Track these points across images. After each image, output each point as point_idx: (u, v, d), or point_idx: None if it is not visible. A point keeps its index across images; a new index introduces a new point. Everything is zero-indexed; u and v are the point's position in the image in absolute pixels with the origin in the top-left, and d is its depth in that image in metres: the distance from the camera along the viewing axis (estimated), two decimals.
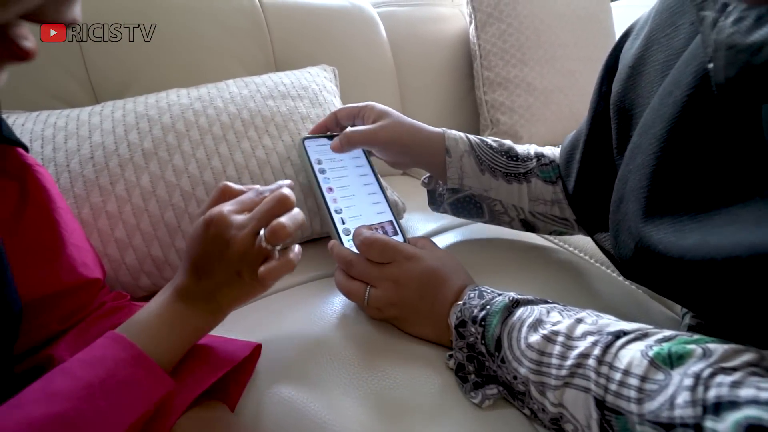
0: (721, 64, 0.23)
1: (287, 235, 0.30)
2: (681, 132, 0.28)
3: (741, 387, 0.21)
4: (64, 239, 0.34)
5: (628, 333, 0.27)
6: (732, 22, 0.23)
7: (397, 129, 0.47)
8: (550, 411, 0.29)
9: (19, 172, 0.33)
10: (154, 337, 0.29)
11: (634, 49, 0.36)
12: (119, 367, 0.26)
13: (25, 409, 0.23)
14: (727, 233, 0.24)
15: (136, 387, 0.26)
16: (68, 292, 0.34)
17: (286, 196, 0.32)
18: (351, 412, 0.31)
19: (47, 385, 0.24)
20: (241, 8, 0.74)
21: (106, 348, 0.27)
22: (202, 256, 0.31)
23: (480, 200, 0.49)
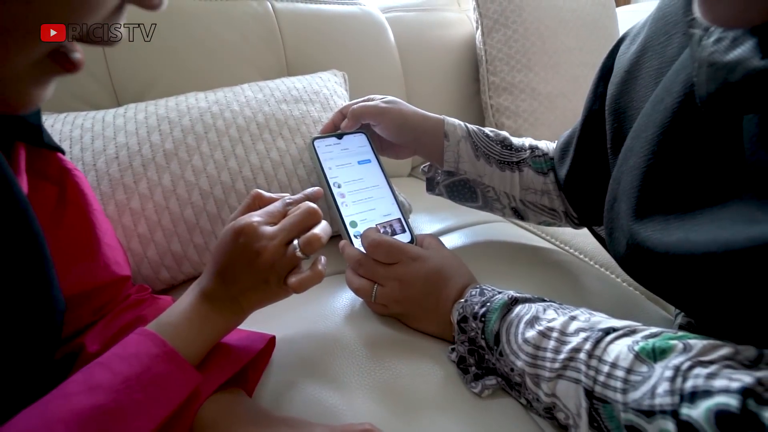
0: (703, 80, 0.25)
1: (321, 246, 0.33)
2: (670, 138, 0.30)
3: (715, 378, 0.23)
4: (99, 239, 0.37)
5: (617, 330, 0.30)
6: (713, 42, 0.25)
7: (401, 107, 0.50)
8: (543, 401, 0.31)
9: (58, 176, 0.35)
10: (183, 336, 0.31)
11: (630, 53, 0.38)
12: (153, 363, 0.28)
13: (72, 400, 0.25)
14: (706, 231, 0.26)
15: (169, 381, 0.28)
16: (101, 288, 0.37)
17: (315, 209, 0.34)
18: (360, 399, 0.33)
19: (89, 378, 0.26)
20: (255, 15, 0.77)
21: (140, 345, 0.29)
22: (229, 263, 0.33)
23: (474, 185, 0.51)
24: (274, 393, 0.35)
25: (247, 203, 0.37)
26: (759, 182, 0.25)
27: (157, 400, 0.27)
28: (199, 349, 0.32)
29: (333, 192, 0.47)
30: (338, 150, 0.51)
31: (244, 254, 0.32)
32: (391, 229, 0.47)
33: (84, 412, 0.24)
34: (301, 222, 0.34)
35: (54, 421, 0.23)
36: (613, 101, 0.39)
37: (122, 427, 0.25)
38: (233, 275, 0.33)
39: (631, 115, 0.37)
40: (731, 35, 0.24)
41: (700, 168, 0.29)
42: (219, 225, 0.51)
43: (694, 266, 0.26)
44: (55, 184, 0.35)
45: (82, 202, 0.36)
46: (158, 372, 0.28)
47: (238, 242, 0.33)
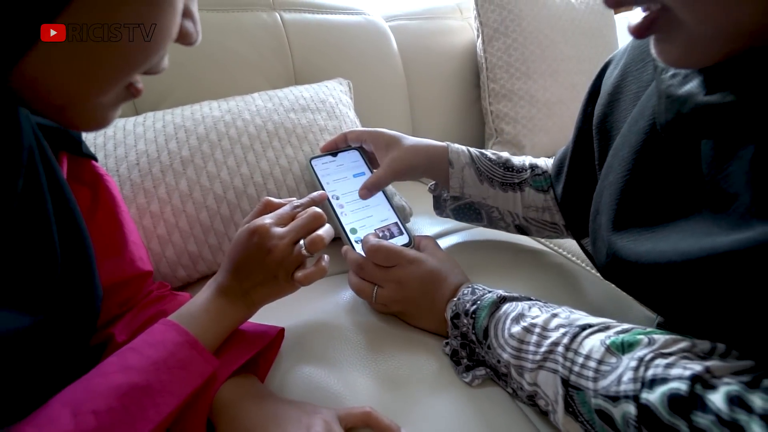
0: (662, 109, 0.29)
1: (324, 245, 0.38)
2: (642, 157, 0.34)
3: (672, 367, 0.27)
4: (126, 237, 0.41)
5: (593, 326, 0.33)
6: (670, 76, 0.28)
7: (407, 156, 0.52)
8: (526, 389, 0.34)
9: (92, 180, 0.40)
10: (202, 326, 0.35)
11: (613, 77, 0.42)
12: (177, 349, 0.32)
13: (109, 378, 0.29)
14: (671, 242, 0.29)
15: (190, 364, 0.32)
16: (128, 282, 0.41)
17: (319, 213, 0.39)
18: (361, 387, 0.37)
19: (123, 360, 0.30)
20: (265, 25, 0.80)
21: (165, 333, 0.33)
22: (244, 260, 0.37)
23: (479, 207, 0.55)
24: (283, 380, 0.38)
25: (259, 209, 0.42)
26: (713, 199, 0.28)
27: (181, 380, 0.31)
28: (216, 338, 0.36)
29: (332, 204, 0.51)
30: (334, 166, 0.55)
31: (257, 252, 0.37)
32: (389, 233, 0.50)
33: (120, 388, 0.28)
34: (307, 224, 0.38)
35: (96, 394, 0.28)
36: (599, 121, 0.42)
37: (151, 401, 0.29)
38: (247, 271, 0.37)
39: (614, 134, 0.40)
40: (683, 72, 0.27)
41: (668, 185, 0.32)
42: (232, 227, 0.55)
43: (659, 273, 0.29)
44: (89, 187, 0.39)
45: (111, 203, 0.41)
46: (181, 357, 0.32)
47: (252, 241, 0.37)
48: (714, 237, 0.26)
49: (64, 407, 0.26)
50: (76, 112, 0.26)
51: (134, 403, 0.28)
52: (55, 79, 0.23)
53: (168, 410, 0.29)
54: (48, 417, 0.26)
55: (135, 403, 0.28)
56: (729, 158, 0.26)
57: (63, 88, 0.24)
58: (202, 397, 0.33)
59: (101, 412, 0.27)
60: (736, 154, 0.26)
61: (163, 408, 0.29)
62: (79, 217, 0.33)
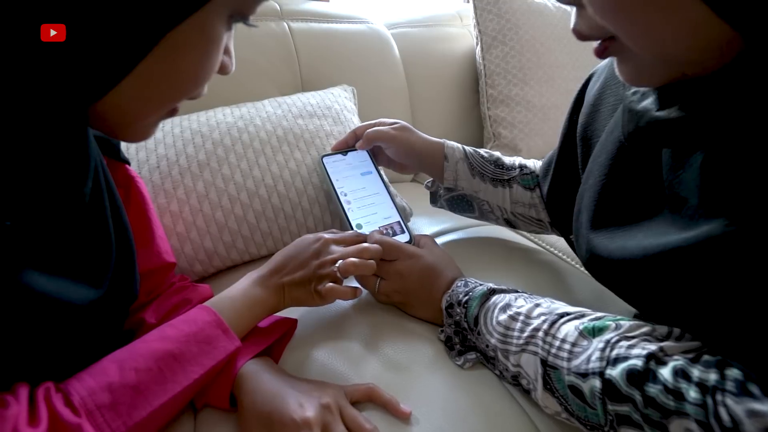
0: (625, 121, 0.33)
1: (353, 273, 0.44)
2: (616, 164, 0.38)
3: (633, 348, 0.31)
4: (153, 232, 0.47)
5: (570, 314, 0.37)
6: (632, 93, 0.33)
7: (407, 132, 0.58)
8: (511, 370, 0.39)
9: (125, 182, 0.45)
10: (235, 309, 0.40)
11: (594, 89, 0.46)
12: (205, 326, 0.37)
13: (149, 344, 0.35)
14: (636, 240, 0.34)
15: (216, 341, 0.37)
16: (155, 272, 0.46)
17: (367, 248, 0.46)
18: (365, 368, 0.41)
19: (161, 332, 0.36)
20: (273, 34, 0.85)
21: (197, 313, 0.38)
22: (293, 256, 0.44)
23: (471, 199, 0.59)
24: (295, 362, 0.43)
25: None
26: (671, 202, 0.32)
27: (207, 353, 0.36)
28: (245, 323, 0.41)
29: (341, 200, 0.56)
30: (344, 164, 0.59)
31: (308, 254, 0.44)
32: (392, 230, 0.55)
33: (157, 353, 0.34)
34: (354, 253, 0.45)
35: (137, 355, 0.33)
36: (582, 130, 0.46)
37: (181, 368, 0.34)
38: (291, 267, 0.44)
39: (594, 142, 0.44)
40: (642, 90, 0.32)
41: (637, 189, 0.36)
42: (244, 225, 0.60)
43: (626, 268, 0.33)
44: (122, 187, 0.45)
45: (141, 202, 0.46)
46: (209, 333, 0.37)
47: (312, 246, 0.45)
48: (669, 236, 0.30)
49: (112, 362, 0.32)
50: (129, 129, 0.31)
51: (167, 367, 0.34)
52: (122, 105, 0.29)
53: (194, 377, 0.35)
54: (100, 369, 0.32)
55: (168, 367, 0.34)
56: (682, 165, 0.31)
57: (125, 112, 0.29)
58: (226, 372, 0.38)
59: (141, 370, 0.32)
60: (687, 162, 0.30)
61: (191, 374, 0.34)
62: (125, 214, 0.39)
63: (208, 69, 0.30)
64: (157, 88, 0.29)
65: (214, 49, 0.29)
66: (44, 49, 0.24)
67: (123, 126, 0.31)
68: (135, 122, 0.31)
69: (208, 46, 0.29)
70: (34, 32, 0.24)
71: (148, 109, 0.30)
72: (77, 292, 0.32)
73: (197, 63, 0.29)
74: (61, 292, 0.30)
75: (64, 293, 0.31)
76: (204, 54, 0.29)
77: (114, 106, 0.28)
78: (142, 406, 0.31)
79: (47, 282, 0.29)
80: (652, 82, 0.29)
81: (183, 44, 0.27)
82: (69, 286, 0.31)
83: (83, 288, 0.33)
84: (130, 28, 0.25)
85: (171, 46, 0.27)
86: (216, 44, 0.29)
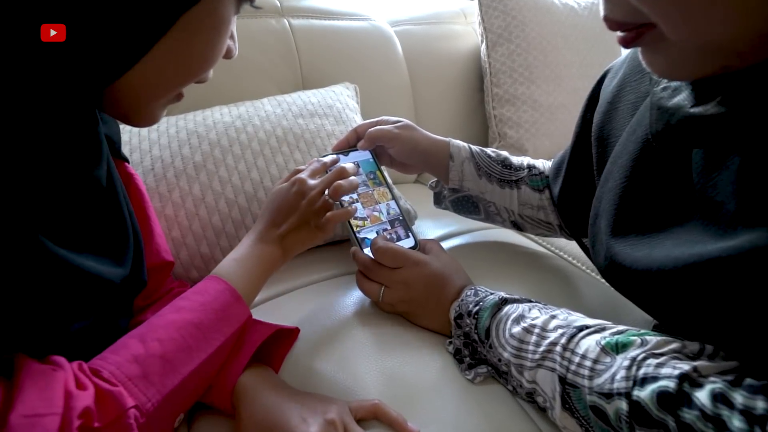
0: (654, 119, 0.30)
1: (344, 192, 0.45)
2: (640, 165, 0.35)
3: (663, 367, 0.28)
4: (153, 230, 0.45)
5: (589, 327, 0.35)
6: (661, 89, 0.30)
7: (411, 130, 0.55)
8: (526, 387, 0.36)
9: (124, 179, 0.44)
10: (243, 269, 0.40)
11: (611, 86, 0.43)
12: (219, 294, 0.37)
13: (167, 317, 0.34)
14: (664, 248, 0.31)
15: (230, 308, 0.37)
16: (154, 270, 0.44)
17: (344, 168, 0.46)
18: (370, 382, 0.39)
19: (174, 305, 0.36)
20: (274, 31, 0.83)
21: (208, 283, 0.38)
22: (281, 207, 0.44)
23: (477, 201, 0.57)
24: (297, 375, 0.40)
25: (290, 175, 0.48)
26: (702, 208, 0.29)
27: (223, 319, 0.36)
28: (255, 281, 0.41)
29: (342, 204, 0.53)
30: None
31: (294, 199, 0.44)
32: (396, 235, 0.52)
33: (177, 322, 0.34)
34: (334, 176, 0.46)
35: (157, 327, 0.33)
36: (598, 129, 0.43)
37: (203, 335, 0.34)
38: (283, 216, 0.44)
39: (612, 142, 0.41)
40: (674, 84, 0.29)
41: (663, 193, 0.34)
42: (243, 230, 0.57)
43: (653, 279, 0.31)
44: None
45: (140, 199, 0.45)
46: (223, 300, 0.37)
47: (291, 190, 0.45)
48: (703, 244, 0.28)
49: (132, 338, 0.32)
50: (140, 112, 0.32)
51: (190, 335, 0.33)
52: (136, 86, 0.30)
53: (217, 344, 0.35)
54: (122, 345, 0.32)
55: (190, 335, 0.33)
56: (717, 167, 0.28)
57: (138, 93, 0.30)
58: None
59: (164, 340, 0.32)
60: (724, 164, 0.27)
61: (213, 342, 0.34)
62: (130, 205, 0.41)
63: (218, 50, 0.32)
64: (171, 68, 0.30)
65: (225, 30, 0.31)
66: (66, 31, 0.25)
67: (135, 108, 0.32)
68: (147, 104, 0.32)
69: (219, 27, 0.30)
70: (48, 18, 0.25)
71: (161, 91, 0.31)
72: (109, 270, 0.33)
73: (209, 43, 0.31)
74: (99, 269, 0.31)
75: (101, 270, 0.32)
76: (215, 35, 0.31)
77: (129, 87, 0.29)
78: (173, 374, 0.31)
79: (77, 258, 0.30)
80: (688, 75, 0.27)
81: (197, 25, 0.29)
82: (99, 263, 0.32)
83: (111, 266, 0.34)
84: (149, 9, 0.27)
85: (185, 27, 0.28)
86: (226, 25, 0.31)
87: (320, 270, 0.58)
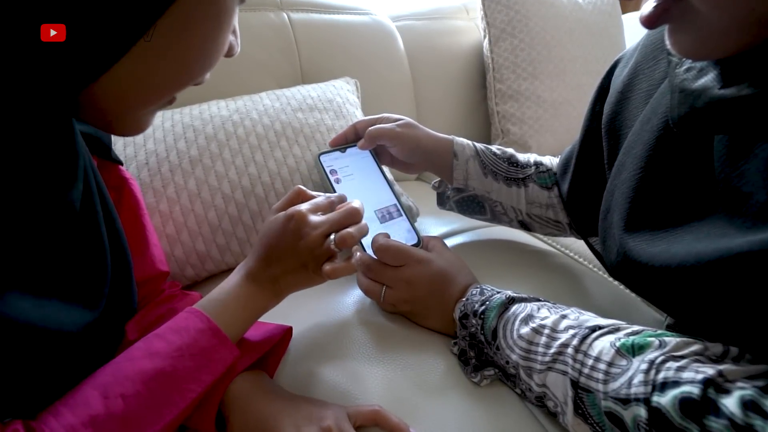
0: (675, 103, 0.28)
1: (353, 243, 0.37)
2: (655, 155, 0.34)
3: (684, 371, 0.27)
4: (148, 240, 0.42)
5: (603, 327, 0.33)
6: (684, 70, 0.28)
7: (413, 129, 0.53)
8: (535, 390, 0.34)
9: (118, 184, 0.41)
10: (229, 312, 0.35)
11: (623, 76, 0.41)
12: (200, 336, 0.32)
13: (136, 363, 0.30)
14: (685, 244, 0.29)
15: (212, 352, 0.32)
16: (146, 282, 0.41)
17: (356, 210, 0.39)
18: (370, 385, 0.37)
19: (149, 346, 0.31)
20: (272, 25, 0.81)
21: (189, 320, 0.33)
22: (276, 245, 0.37)
23: (482, 200, 0.55)
24: (294, 379, 0.38)
25: (291, 197, 0.41)
26: (726, 200, 0.28)
27: (204, 367, 0.32)
28: (240, 326, 0.36)
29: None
30: (343, 162, 0.54)
31: (292, 237, 0.37)
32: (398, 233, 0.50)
33: (147, 373, 0.29)
34: (342, 219, 0.38)
35: (123, 378, 0.29)
36: (609, 120, 0.42)
37: (176, 387, 0.30)
38: (278, 257, 0.37)
39: (624, 133, 0.39)
40: (699, 65, 0.27)
41: (681, 184, 0.32)
42: (240, 226, 0.55)
43: (672, 275, 0.29)
44: (114, 190, 0.41)
45: (134, 206, 0.42)
46: (204, 344, 0.32)
47: (288, 227, 0.37)
48: (729, 238, 0.26)
49: (94, 390, 0.28)
50: (124, 120, 0.27)
51: (160, 388, 0.29)
52: (119, 90, 0.25)
53: (192, 396, 0.30)
54: (80, 399, 0.27)
55: (161, 388, 0.29)
56: (744, 156, 0.26)
57: (121, 98, 0.25)
58: (214, 391, 0.33)
59: (129, 396, 0.28)
60: (752, 152, 0.26)
61: (188, 394, 0.30)
62: (118, 221, 0.35)
63: (219, 46, 0.27)
64: (161, 68, 0.25)
65: (227, 22, 0.26)
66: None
67: (118, 116, 0.27)
68: (132, 111, 0.27)
69: (220, 17, 0.25)
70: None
71: (150, 95, 0.26)
72: (69, 317, 0.28)
73: (206, 38, 0.26)
74: (50, 319, 0.27)
75: (54, 320, 0.27)
76: (216, 27, 0.26)
77: (109, 91, 0.24)
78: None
79: (32, 308, 0.26)
80: (718, 52, 0.25)
81: (193, 16, 0.24)
82: (60, 311, 0.28)
83: (76, 310, 0.29)
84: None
85: (179, 18, 0.23)
86: (229, 16, 0.26)
87: None
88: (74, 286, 0.29)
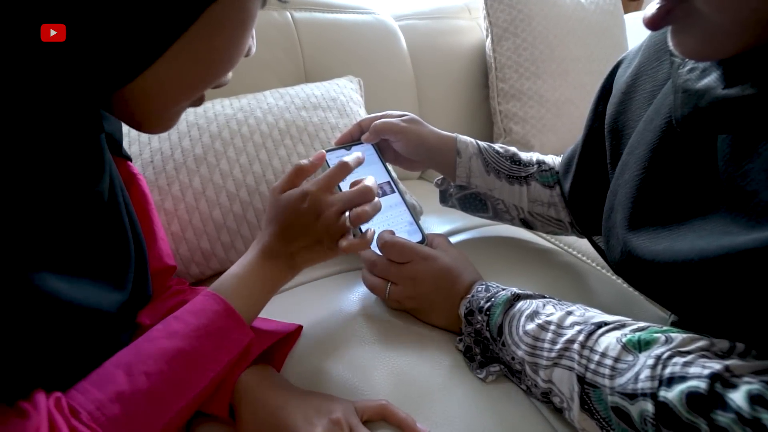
0: (678, 103, 0.29)
1: (368, 220, 0.39)
2: (659, 155, 0.34)
3: (690, 366, 0.27)
4: (156, 234, 0.43)
5: (609, 323, 0.33)
6: (687, 70, 0.28)
7: (417, 124, 0.53)
8: (541, 386, 0.35)
9: (127, 179, 0.42)
10: (243, 289, 0.36)
11: (626, 76, 0.41)
12: (216, 317, 0.33)
13: (156, 343, 0.31)
14: (688, 241, 0.29)
15: (228, 332, 0.34)
16: (155, 275, 0.42)
17: (369, 188, 0.40)
18: (376, 381, 0.37)
19: (167, 327, 0.32)
20: (276, 24, 0.81)
21: (205, 302, 0.34)
22: (293, 223, 0.38)
23: (485, 198, 0.55)
24: (301, 375, 0.39)
25: (290, 175, 0.42)
26: (729, 197, 0.28)
27: (221, 347, 0.33)
28: (255, 303, 0.37)
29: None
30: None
31: (307, 215, 0.38)
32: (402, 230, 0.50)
33: (168, 352, 0.30)
34: (356, 197, 0.39)
35: (146, 356, 0.30)
36: (612, 120, 0.42)
37: (196, 366, 0.31)
38: (294, 234, 0.38)
39: (627, 133, 0.40)
40: (702, 66, 0.27)
41: (685, 183, 0.32)
42: (244, 225, 0.56)
43: (676, 272, 0.29)
44: (124, 185, 0.41)
45: (143, 201, 0.43)
46: (220, 325, 0.33)
47: (303, 206, 0.38)
48: (733, 236, 0.26)
49: (117, 368, 0.29)
50: (154, 117, 0.29)
51: (181, 366, 0.30)
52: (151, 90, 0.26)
53: (211, 375, 0.31)
54: (105, 377, 0.28)
55: (182, 366, 0.30)
56: (748, 155, 0.26)
57: (153, 98, 0.27)
58: (226, 381, 0.34)
59: (152, 373, 0.29)
60: (756, 151, 0.26)
61: (207, 373, 0.31)
62: (134, 213, 0.37)
63: (242, 47, 0.29)
64: (190, 70, 0.27)
65: (250, 27, 0.28)
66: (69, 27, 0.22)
67: (148, 114, 0.29)
68: (161, 110, 0.29)
69: (246, 21, 0.28)
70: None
71: (178, 95, 0.28)
72: (106, 298, 0.30)
73: (233, 40, 0.28)
74: (89, 299, 0.28)
75: (93, 299, 0.29)
76: (241, 31, 0.28)
77: (141, 91, 0.26)
78: (160, 412, 0.29)
79: (70, 288, 0.27)
80: (721, 52, 0.25)
81: (221, 21, 0.26)
82: (95, 291, 0.30)
83: (109, 292, 0.31)
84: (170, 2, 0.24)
85: (209, 22, 0.26)
86: (252, 20, 0.28)
87: (325, 266, 0.56)
88: (105, 270, 0.31)
